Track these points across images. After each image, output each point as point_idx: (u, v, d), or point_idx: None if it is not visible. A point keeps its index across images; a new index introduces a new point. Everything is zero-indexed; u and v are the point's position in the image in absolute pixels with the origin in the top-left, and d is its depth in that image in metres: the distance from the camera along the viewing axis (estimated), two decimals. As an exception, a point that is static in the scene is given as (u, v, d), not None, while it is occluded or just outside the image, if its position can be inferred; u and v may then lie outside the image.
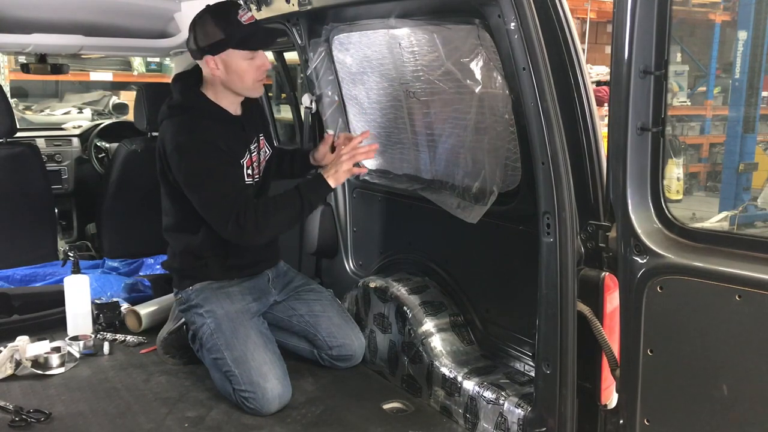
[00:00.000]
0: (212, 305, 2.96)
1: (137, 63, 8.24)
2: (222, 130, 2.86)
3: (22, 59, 4.83)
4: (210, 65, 2.83)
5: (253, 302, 3.03)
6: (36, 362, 3.08)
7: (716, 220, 5.91)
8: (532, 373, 2.50)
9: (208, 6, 2.84)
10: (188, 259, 3.05)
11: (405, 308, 2.99)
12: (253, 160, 3.00)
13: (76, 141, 5.10)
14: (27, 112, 7.63)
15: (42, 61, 4.43)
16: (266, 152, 3.12)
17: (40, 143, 4.76)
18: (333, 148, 3.09)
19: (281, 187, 3.03)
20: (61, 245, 4.61)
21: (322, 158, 3.12)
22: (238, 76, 2.85)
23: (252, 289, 3.08)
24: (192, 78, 2.99)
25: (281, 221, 2.87)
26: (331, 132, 3.29)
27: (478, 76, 2.57)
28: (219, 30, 2.77)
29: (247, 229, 2.75)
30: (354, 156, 2.90)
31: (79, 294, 3.48)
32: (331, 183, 2.87)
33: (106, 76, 8.02)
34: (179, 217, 3.02)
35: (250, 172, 2.97)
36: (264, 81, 2.94)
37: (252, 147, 3.00)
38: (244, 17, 2.78)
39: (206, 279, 3.02)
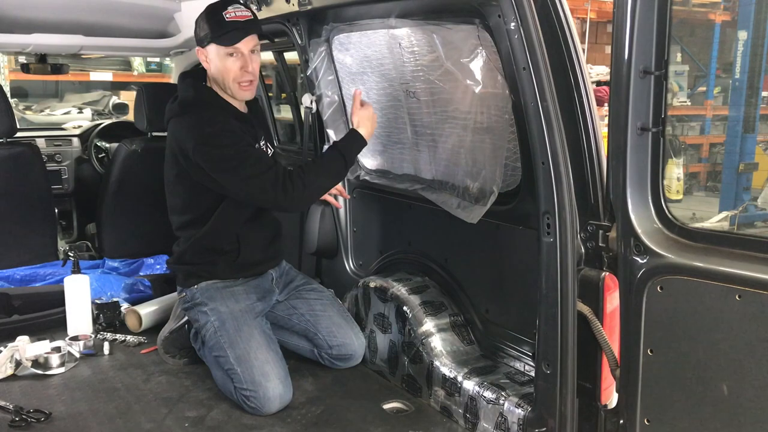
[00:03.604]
0: (217, 303, 2.97)
1: (137, 63, 8.25)
2: (236, 124, 2.91)
3: (22, 59, 4.84)
4: (200, 57, 2.95)
5: (257, 302, 3.04)
6: (36, 362, 3.08)
7: (716, 220, 5.90)
8: (532, 373, 2.50)
9: (210, 3, 2.90)
10: (199, 256, 3.06)
11: (405, 308, 2.99)
12: None
13: (76, 141, 5.10)
14: (27, 112, 7.64)
15: (42, 61, 4.43)
16: (269, 152, 3.14)
17: (40, 143, 4.76)
18: None
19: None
20: (61, 245, 4.61)
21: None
22: (219, 71, 2.91)
23: (257, 288, 3.09)
24: (199, 75, 3.04)
25: (325, 180, 2.93)
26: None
27: (478, 76, 2.57)
28: (206, 24, 2.87)
29: (295, 192, 2.78)
30: (360, 101, 2.94)
31: (79, 294, 3.48)
32: (363, 132, 2.92)
33: (106, 76, 8.03)
34: (196, 213, 3.03)
35: None
36: (250, 86, 2.95)
37: (261, 143, 3.05)
38: (230, 15, 2.83)
39: (213, 278, 3.03)
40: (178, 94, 3.03)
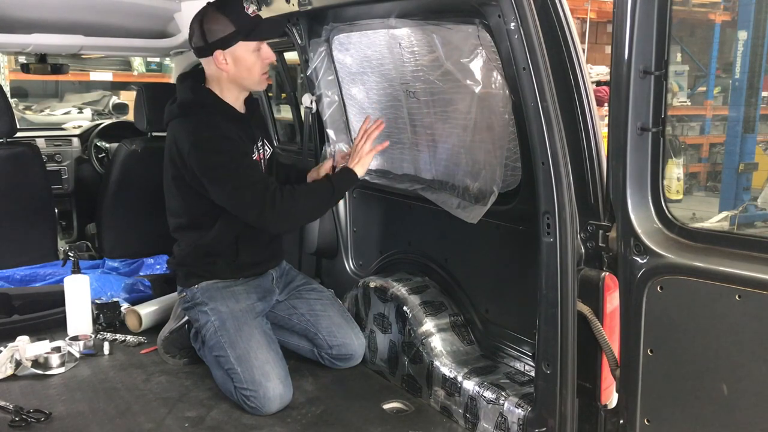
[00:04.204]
0: (217, 303, 2.97)
1: (137, 63, 8.25)
2: (234, 126, 2.89)
3: (22, 59, 4.84)
4: (219, 60, 2.85)
5: (258, 301, 3.05)
6: (36, 362, 3.08)
7: (716, 220, 5.90)
8: (532, 373, 2.50)
9: (209, 3, 2.87)
10: (198, 257, 3.06)
11: (405, 308, 2.99)
12: (261, 156, 3.03)
13: (76, 141, 5.11)
14: (27, 112, 7.64)
15: (42, 61, 4.43)
16: (268, 151, 3.14)
17: (40, 143, 4.76)
18: (334, 169, 3.13)
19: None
20: (61, 245, 4.61)
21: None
22: (246, 69, 2.88)
23: (257, 288, 3.09)
24: (199, 76, 3.02)
25: (313, 207, 2.93)
26: (329, 158, 3.28)
27: (478, 76, 2.57)
28: (230, 23, 2.80)
29: (282, 207, 2.77)
30: (369, 136, 2.94)
31: (79, 294, 3.48)
32: (359, 172, 2.92)
33: (106, 76, 8.03)
34: (192, 217, 3.02)
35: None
36: (266, 76, 2.96)
37: (259, 144, 3.04)
38: (249, 10, 2.84)
39: (213, 278, 3.03)
40: (176, 95, 3.01)
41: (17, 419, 2.65)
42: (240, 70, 2.88)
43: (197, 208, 2.98)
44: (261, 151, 3.06)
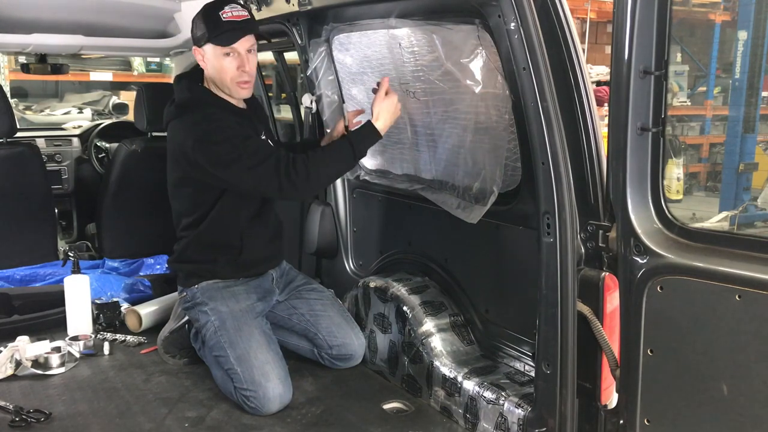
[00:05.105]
0: (217, 303, 2.97)
1: (137, 63, 8.24)
2: (234, 117, 2.91)
3: (22, 59, 4.83)
4: (197, 56, 2.95)
5: (258, 302, 3.05)
6: (36, 362, 3.08)
7: (716, 220, 5.91)
8: (532, 373, 2.50)
9: (207, 3, 2.90)
10: (200, 253, 3.06)
11: (405, 308, 2.99)
12: None
13: (76, 141, 5.11)
14: (27, 112, 7.64)
15: (42, 61, 4.43)
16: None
17: (40, 143, 4.76)
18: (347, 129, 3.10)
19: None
20: (61, 245, 4.61)
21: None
22: (216, 71, 2.91)
23: (257, 288, 3.09)
24: (195, 75, 3.04)
25: (331, 169, 2.90)
26: (340, 120, 3.21)
27: (478, 76, 2.57)
28: (203, 24, 2.87)
29: (299, 178, 2.75)
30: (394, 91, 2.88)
31: (79, 294, 3.48)
32: (380, 126, 2.84)
33: (106, 76, 8.02)
34: (201, 213, 3.02)
35: None
36: (248, 85, 2.94)
37: (262, 138, 3.03)
38: (226, 15, 2.83)
39: (214, 278, 3.04)
40: (174, 96, 3.02)
41: (17, 419, 2.65)
42: (212, 71, 2.92)
43: (207, 202, 2.98)
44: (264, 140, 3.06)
